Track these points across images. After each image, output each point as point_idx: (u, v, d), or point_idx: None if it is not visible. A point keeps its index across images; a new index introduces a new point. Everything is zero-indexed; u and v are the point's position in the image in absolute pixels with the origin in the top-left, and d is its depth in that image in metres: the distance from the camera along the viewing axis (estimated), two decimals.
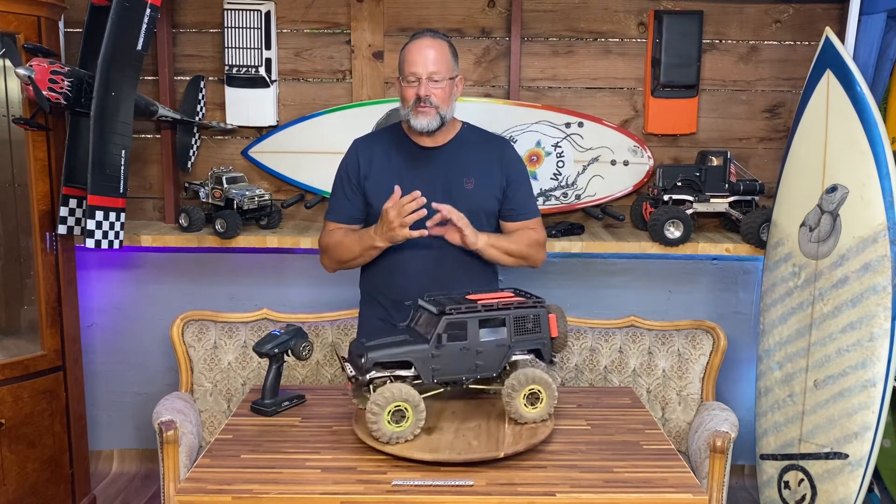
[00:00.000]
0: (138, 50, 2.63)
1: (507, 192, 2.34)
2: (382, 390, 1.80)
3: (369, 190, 2.31)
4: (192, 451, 2.51)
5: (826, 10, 3.14)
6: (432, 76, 2.20)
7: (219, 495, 1.66)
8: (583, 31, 3.20)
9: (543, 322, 1.94)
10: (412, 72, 2.21)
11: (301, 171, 3.18)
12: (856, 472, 2.46)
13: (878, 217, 2.44)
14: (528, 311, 1.92)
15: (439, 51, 2.23)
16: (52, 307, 2.83)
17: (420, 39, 2.24)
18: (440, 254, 2.29)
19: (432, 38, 2.24)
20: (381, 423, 1.78)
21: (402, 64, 2.25)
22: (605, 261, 3.33)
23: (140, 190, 3.27)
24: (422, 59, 2.20)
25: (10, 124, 2.79)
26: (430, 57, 2.20)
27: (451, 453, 1.76)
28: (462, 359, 1.87)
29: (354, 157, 2.35)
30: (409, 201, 2.08)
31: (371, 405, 1.78)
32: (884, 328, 2.42)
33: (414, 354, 1.84)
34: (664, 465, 1.82)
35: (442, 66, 2.22)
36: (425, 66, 2.20)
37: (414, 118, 2.23)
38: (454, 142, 2.32)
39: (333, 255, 2.34)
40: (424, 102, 2.20)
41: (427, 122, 2.23)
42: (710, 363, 2.86)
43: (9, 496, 2.71)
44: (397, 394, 1.79)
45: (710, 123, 3.24)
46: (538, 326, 1.94)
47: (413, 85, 2.21)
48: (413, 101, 2.22)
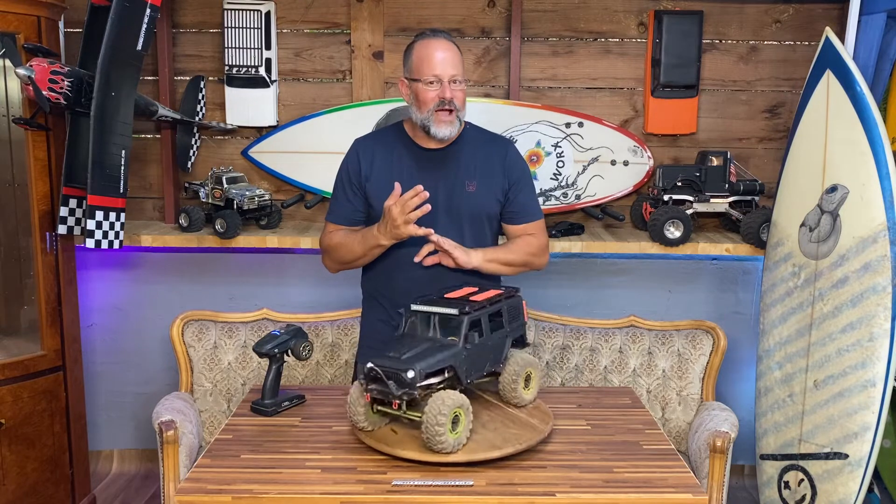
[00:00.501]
0: (138, 50, 2.63)
1: (509, 194, 2.33)
2: (440, 399, 1.72)
3: (370, 191, 2.29)
4: (192, 451, 2.51)
5: (826, 10, 3.14)
6: (454, 78, 2.17)
7: (219, 495, 1.66)
8: (583, 31, 3.20)
9: (521, 309, 2.05)
10: (435, 74, 2.16)
11: (301, 172, 3.18)
12: (856, 473, 2.46)
13: (878, 217, 2.44)
14: (514, 301, 2.01)
15: (456, 53, 2.20)
16: (52, 307, 2.83)
17: (436, 40, 2.19)
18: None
19: (448, 41, 2.20)
20: (447, 434, 1.72)
21: (419, 64, 2.18)
22: (605, 261, 3.33)
23: (140, 190, 3.28)
24: (442, 60, 2.16)
25: (10, 124, 2.79)
26: (450, 60, 2.17)
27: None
28: (482, 355, 1.90)
29: (356, 157, 2.32)
30: (411, 197, 2.07)
31: (436, 416, 1.70)
32: (884, 328, 2.42)
33: (453, 359, 1.81)
34: (664, 465, 1.82)
35: (460, 69, 2.20)
36: (446, 69, 2.16)
37: (436, 126, 2.19)
38: (457, 143, 2.30)
39: (336, 256, 2.32)
40: (449, 106, 2.17)
41: (450, 130, 2.20)
42: (710, 363, 2.86)
43: (9, 496, 2.71)
44: (456, 399, 1.74)
45: (709, 123, 3.24)
46: (519, 314, 2.03)
47: (434, 88, 2.17)
48: (434, 105, 2.17)
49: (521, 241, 2.34)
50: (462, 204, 2.25)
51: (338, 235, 2.30)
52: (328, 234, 2.33)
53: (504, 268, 2.30)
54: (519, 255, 2.31)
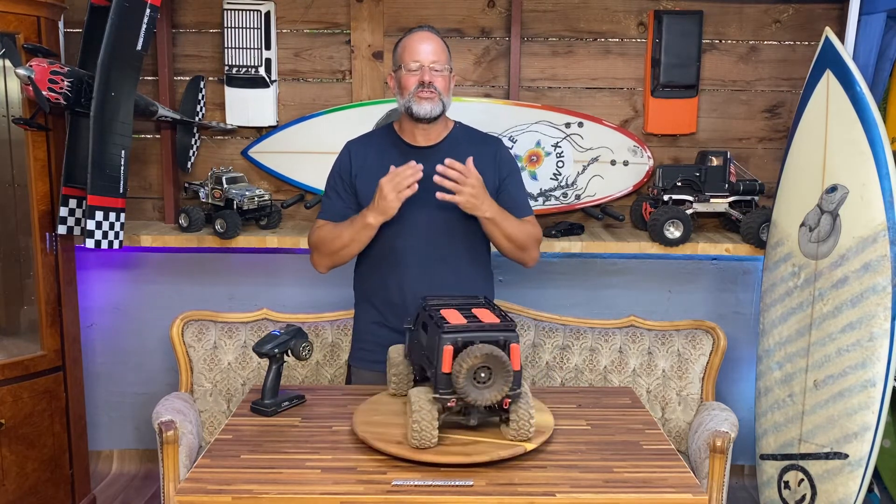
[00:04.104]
0: (138, 50, 2.63)
1: (500, 190, 2.34)
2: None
3: (360, 188, 2.30)
4: (192, 452, 2.51)
5: (826, 10, 3.14)
6: (433, 65, 2.23)
7: (219, 495, 1.66)
8: (582, 31, 3.20)
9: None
10: (414, 60, 2.23)
11: (301, 172, 3.19)
12: (856, 473, 2.46)
13: (878, 217, 2.44)
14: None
15: (438, 44, 2.27)
16: (52, 307, 2.83)
17: (419, 32, 2.29)
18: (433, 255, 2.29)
19: (430, 32, 2.29)
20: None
21: (402, 54, 2.27)
22: (604, 261, 3.33)
23: (140, 190, 3.28)
24: (423, 49, 2.24)
25: (9, 124, 2.79)
26: (430, 48, 2.24)
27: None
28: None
29: (347, 157, 2.36)
30: (408, 169, 2.09)
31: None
32: (883, 328, 2.42)
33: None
34: (664, 465, 1.82)
35: (442, 57, 2.26)
36: (427, 56, 2.23)
37: (417, 104, 2.23)
38: (447, 141, 2.32)
39: (324, 248, 2.30)
40: (428, 88, 2.21)
41: (431, 107, 2.23)
42: (710, 363, 2.86)
43: (9, 496, 2.71)
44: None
45: (709, 123, 3.24)
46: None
47: (415, 73, 2.22)
48: (415, 88, 2.22)
49: (527, 225, 2.32)
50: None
51: (325, 229, 2.31)
52: (316, 230, 2.34)
53: (503, 239, 2.25)
54: (522, 234, 2.28)
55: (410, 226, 2.26)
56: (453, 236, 2.29)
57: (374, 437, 1.84)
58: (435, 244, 2.28)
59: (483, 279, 2.41)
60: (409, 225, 2.26)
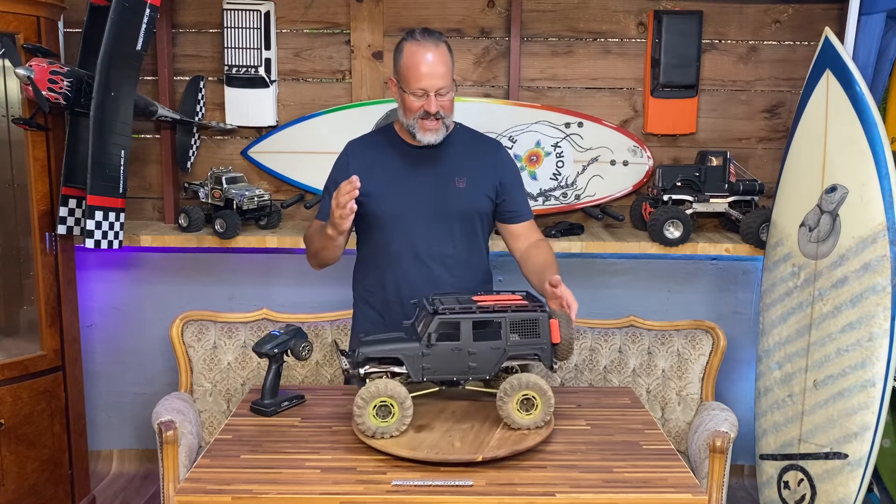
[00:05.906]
0: (138, 50, 2.63)
1: (503, 194, 2.33)
2: (369, 385, 1.83)
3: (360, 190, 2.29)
4: (192, 452, 2.51)
5: (826, 10, 3.14)
6: (440, 91, 2.15)
7: (218, 495, 1.66)
8: (582, 31, 3.20)
9: (543, 327, 1.88)
10: (420, 87, 2.14)
11: (300, 172, 3.19)
12: (855, 472, 2.46)
13: (878, 217, 2.44)
14: (527, 315, 1.88)
15: (444, 62, 2.16)
16: (52, 307, 2.83)
17: (424, 48, 2.14)
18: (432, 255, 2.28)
19: (435, 46, 2.15)
20: (366, 417, 1.81)
21: (407, 74, 2.15)
22: (604, 261, 3.33)
23: (140, 190, 3.27)
24: (429, 74, 2.13)
25: (9, 124, 2.79)
26: (438, 72, 2.13)
27: (430, 453, 1.76)
28: (454, 359, 1.86)
29: (345, 158, 2.35)
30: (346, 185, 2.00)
31: (357, 399, 1.82)
32: (883, 328, 2.42)
33: (404, 352, 1.85)
34: (664, 465, 1.82)
35: (448, 79, 2.17)
36: (432, 82, 2.14)
37: (421, 133, 2.19)
38: (446, 141, 2.30)
39: (308, 248, 2.35)
40: (435, 116, 2.17)
41: (435, 137, 2.21)
42: (710, 363, 2.86)
43: (8, 496, 2.71)
44: (383, 389, 1.81)
45: (709, 123, 3.24)
46: (537, 331, 1.89)
47: (420, 98, 2.16)
48: (419, 114, 2.17)
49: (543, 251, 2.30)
50: (452, 201, 2.26)
51: (312, 229, 2.33)
52: (307, 229, 2.37)
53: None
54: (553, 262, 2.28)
55: (409, 226, 2.26)
56: (452, 236, 2.29)
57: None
58: (433, 244, 2.28)
59: (483, 279, 2.41)
60: (408, 225, 2.26)
